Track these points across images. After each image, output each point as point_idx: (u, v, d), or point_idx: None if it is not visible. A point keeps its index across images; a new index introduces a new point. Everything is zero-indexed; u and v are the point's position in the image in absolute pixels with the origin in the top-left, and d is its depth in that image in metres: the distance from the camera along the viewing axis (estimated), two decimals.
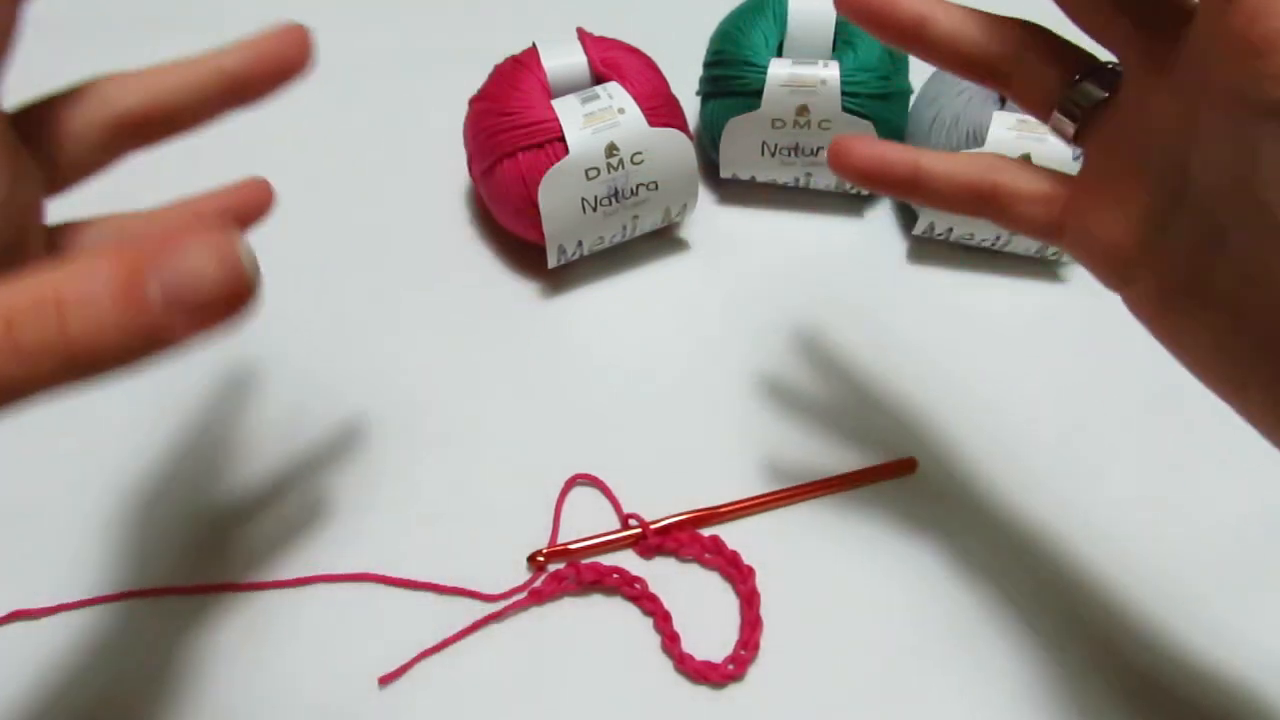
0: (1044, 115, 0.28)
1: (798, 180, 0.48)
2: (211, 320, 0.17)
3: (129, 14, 0.55)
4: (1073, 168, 0.30)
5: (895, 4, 0.28)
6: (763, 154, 0.46)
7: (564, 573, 0.36)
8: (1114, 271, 0.28)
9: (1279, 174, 0.22)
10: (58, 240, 0.25)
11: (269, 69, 0.25)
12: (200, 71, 0.24)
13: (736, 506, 0.39)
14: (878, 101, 0.44)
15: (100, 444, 0.40)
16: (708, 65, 0.47)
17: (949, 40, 0.28)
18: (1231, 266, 0.25)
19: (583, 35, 0.45)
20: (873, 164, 0.30)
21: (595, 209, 0.42)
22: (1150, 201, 0.26)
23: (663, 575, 0.37)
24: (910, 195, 0.31)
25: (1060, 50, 0.28)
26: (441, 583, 0.37)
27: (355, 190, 0.49)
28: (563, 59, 0.44)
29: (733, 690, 0.35)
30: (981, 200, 0.29)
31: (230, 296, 0.17)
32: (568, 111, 0.42)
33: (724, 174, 0.48)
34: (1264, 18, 0.21)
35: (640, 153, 0.42)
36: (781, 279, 0.46)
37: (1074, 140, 0.28)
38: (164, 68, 0.24)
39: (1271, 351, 0.25)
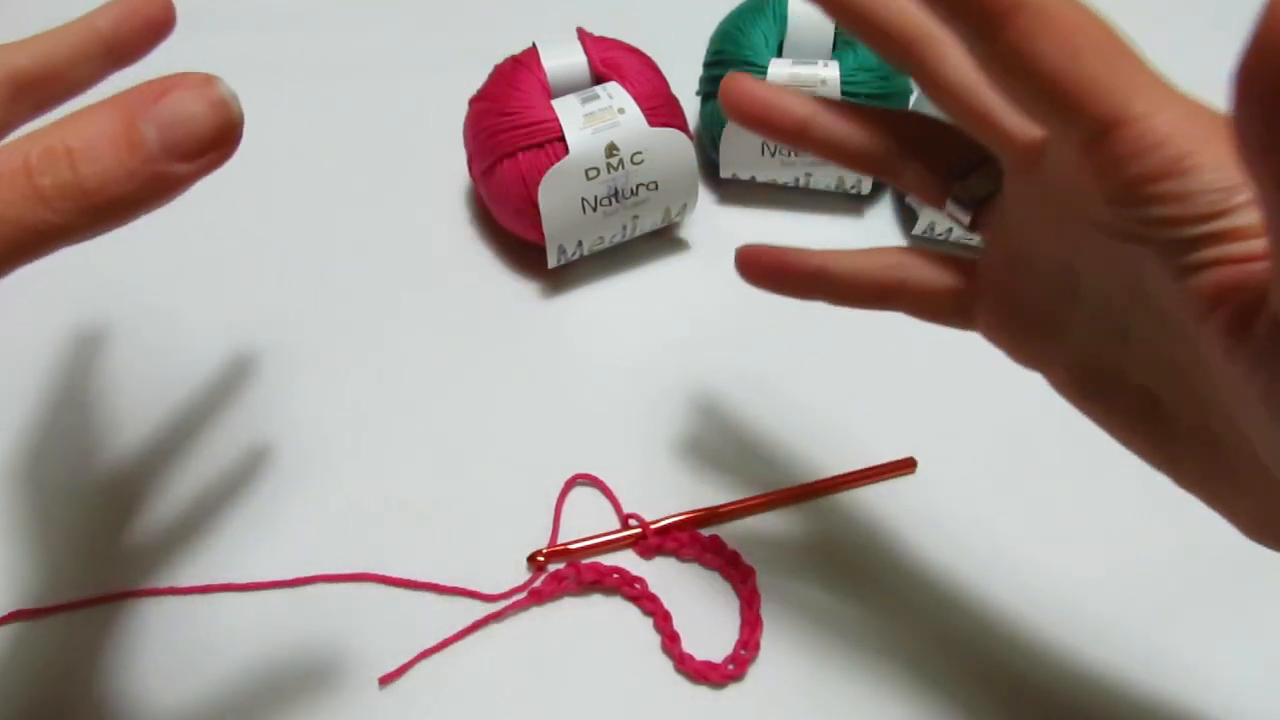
0: (939, 206, 0.28)
1: (798, 180, 0.48)
2: (206, 159, 0.18)
3: None
4: None
5: (780, 110, 0.28)
6: (763, 154, 0.46)
7: (564, 573, 0.36)
8: (1026, 358, 0.28)
9: (1165, 286, 0.21)
10: None
11: (138, 27, 0.26)
12: (78, 33, 0.26)
13: (736, 506, 0.39)
14: (878, 101, 0.44)
15: (99, 444, 0.40)
16: (708, 65, 0.47)
17: (832, 140, 0.28)
18: (1137, 357, 0.24)
19: (583, 35, 0.45)
20: (776, 266, 0.31)
21: (595, 209, 0.42)
22: (1046, 295, 0.26)
23: (663, 575, 0.37)
24: (817, 296, 0.31)
25: (949, 142, 0.27)
26: (441, 583, 0.37)
27: (355, 190, 0.49)
28: (563, 59, 0.44)
29: (733, 690, 0.35)
30: (889, 296, 0.29)
31: (220, 134, 0.18)
32: (568, 111, 0.42)
33: (724, 174, 0.48)
34: (1138, 159, 0.20)
35: (640, 153, 0.42)
36: None
37: (970, 229, 0.28)
38: (46, 32, 0.26)
39: (1196, 436, 0.24)
